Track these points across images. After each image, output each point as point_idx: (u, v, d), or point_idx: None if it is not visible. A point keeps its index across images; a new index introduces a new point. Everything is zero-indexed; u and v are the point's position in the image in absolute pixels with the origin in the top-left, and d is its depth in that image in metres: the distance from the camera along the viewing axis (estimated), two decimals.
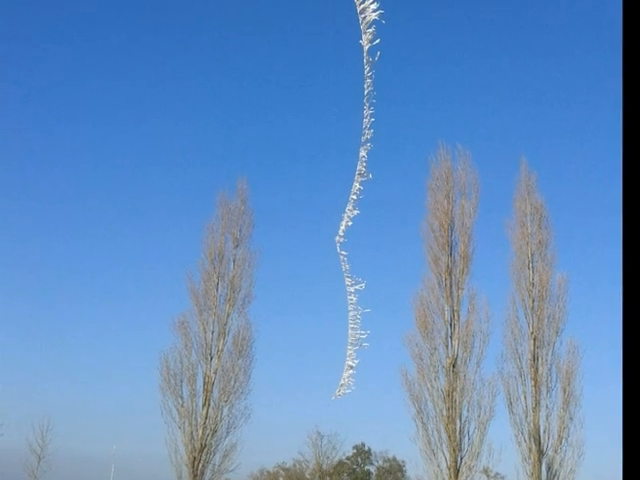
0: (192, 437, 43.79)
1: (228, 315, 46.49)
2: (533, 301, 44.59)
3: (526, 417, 42.76)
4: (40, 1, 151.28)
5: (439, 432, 41.75)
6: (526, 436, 42.47)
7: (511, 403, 43.09)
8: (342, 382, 38.49)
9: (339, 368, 38.90)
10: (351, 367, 38.59)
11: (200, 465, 43.46)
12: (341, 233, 38.65)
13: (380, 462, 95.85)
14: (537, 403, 42.82)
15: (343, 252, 39.09)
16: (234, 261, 48.07)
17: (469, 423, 41.79)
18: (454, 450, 41.07)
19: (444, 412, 41.78)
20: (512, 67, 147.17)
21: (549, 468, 42.03)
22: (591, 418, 44.58)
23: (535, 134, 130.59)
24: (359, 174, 38.29)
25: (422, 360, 43.02)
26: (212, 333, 46.02)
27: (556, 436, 42.34)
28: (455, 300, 43.71)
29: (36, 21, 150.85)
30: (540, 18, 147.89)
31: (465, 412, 41.89)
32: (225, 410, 44.74)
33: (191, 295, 46.91)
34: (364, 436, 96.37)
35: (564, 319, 44.48)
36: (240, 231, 48.91)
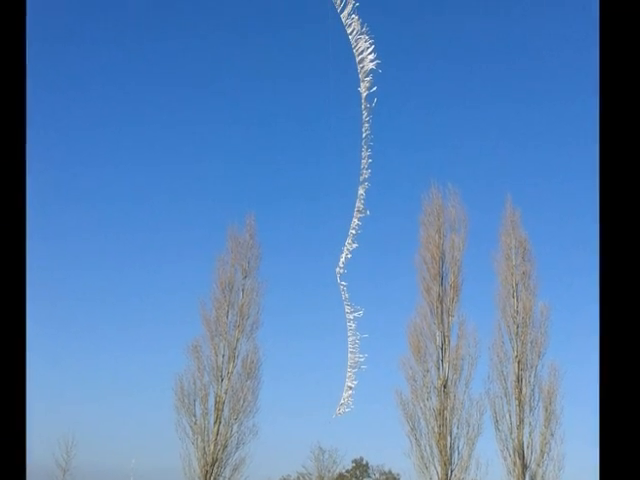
0: (204, 452, 43.52)
1: (237, 340, 46.33)
2: (517, 327, 44.48)
3: (511, 434, 42.53)
4: (61, 52, 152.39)
5: (431, 447, 41.58)
6: (511, 451, 42.22)
7: (497, 421, 42.89)
8: (342, 402, 38.17)
9: (339, 389, 38.64)
10: (350, 388, 38.32)
11: (212, 478, 43.14)
12: (341, 265, 38.55)
13: (377, 475, 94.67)
14: (521, 421, 42.61)
15: (343, 282, 39.06)
16: (243, 290, 47.97)
17: (459, 439, 41.64)
18: (445, 464, 40.86)
19: (436, 429, 41.61)
20: (499, 113, 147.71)
21: None
22: (571, 434, 44.35)
23: (519, 174, 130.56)
24: (357, 211, 38.28)
25: (415, 381, 42.93)
26: (223, 357, 45.86)
27: (538, 451, 42.08)
28: (446, 326, 43.68)
29: (60, 71, 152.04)
30: (524, 67, 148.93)
31: (455, 429, 41.75)
32: (235, 427, 44.47)
33: (203, 322, 46.80)
34: (362, 451, 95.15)
35: (546, 344, 44.38)
36: (249, 263, 48.87)
